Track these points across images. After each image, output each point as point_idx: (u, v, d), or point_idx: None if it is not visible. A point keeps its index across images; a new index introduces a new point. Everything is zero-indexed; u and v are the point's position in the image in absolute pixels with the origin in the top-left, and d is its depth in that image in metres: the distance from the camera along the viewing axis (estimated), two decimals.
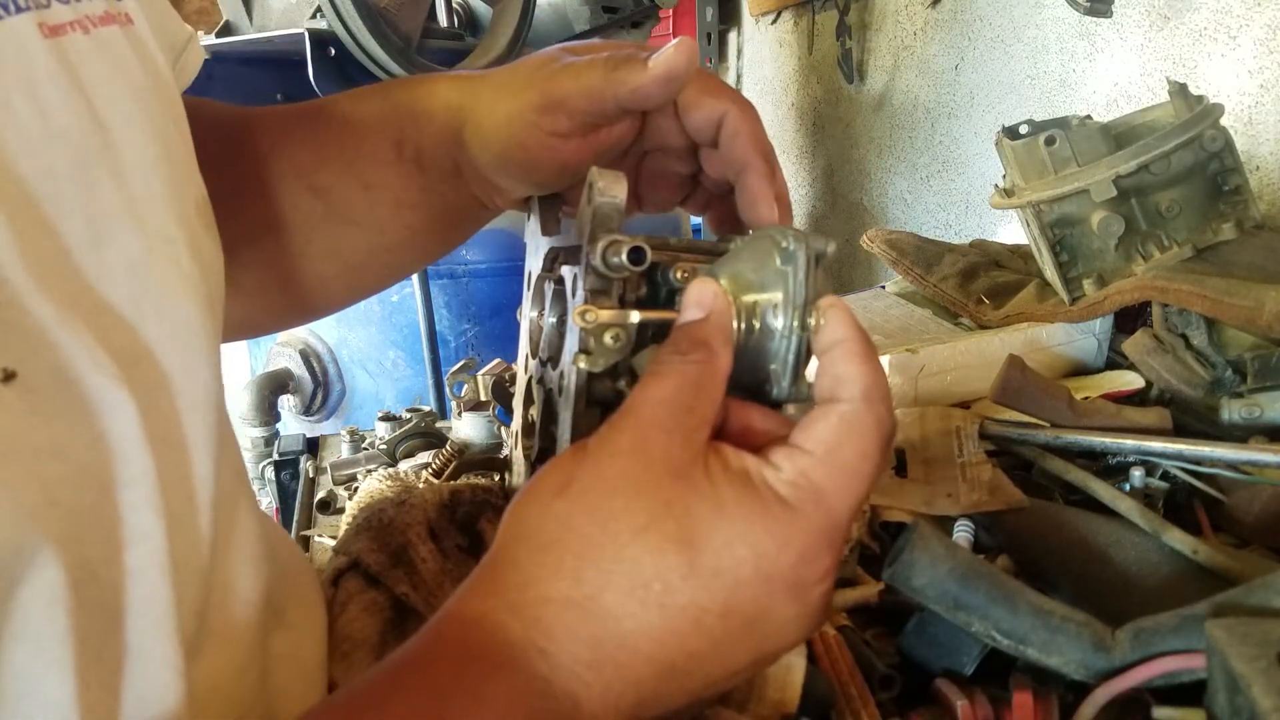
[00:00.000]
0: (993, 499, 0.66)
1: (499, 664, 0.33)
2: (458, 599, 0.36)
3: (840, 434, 0.37)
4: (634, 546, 0.34)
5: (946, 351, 0.88)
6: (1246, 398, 0.74)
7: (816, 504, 0.36)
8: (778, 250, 0.41)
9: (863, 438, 0.37)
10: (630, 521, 0.35)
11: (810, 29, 2.27)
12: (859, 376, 0.38)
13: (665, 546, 0.34)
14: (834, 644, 0.53)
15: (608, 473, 0.36)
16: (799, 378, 0.42)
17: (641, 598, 0.34)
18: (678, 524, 0.35)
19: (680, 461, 0.36)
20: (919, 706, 0.50)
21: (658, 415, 0.36)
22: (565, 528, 0.35)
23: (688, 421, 0.37)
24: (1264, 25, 1.08)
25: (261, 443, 1.69)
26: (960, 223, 1.78)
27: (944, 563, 0.48)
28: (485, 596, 0.35)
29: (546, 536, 0.35)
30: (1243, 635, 0.39)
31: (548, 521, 0.36)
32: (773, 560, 0.35)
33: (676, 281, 0.44)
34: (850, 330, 0.39)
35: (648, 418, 0.37)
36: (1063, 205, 0.86)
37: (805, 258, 0.41)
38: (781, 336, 0.41)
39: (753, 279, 0.42)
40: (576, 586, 0.34)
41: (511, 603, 0.34)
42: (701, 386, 0.38)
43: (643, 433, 0.36)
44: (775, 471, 0.36)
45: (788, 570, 0.35)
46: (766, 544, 0.35)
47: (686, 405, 0.37)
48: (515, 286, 0.58)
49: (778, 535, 0.35)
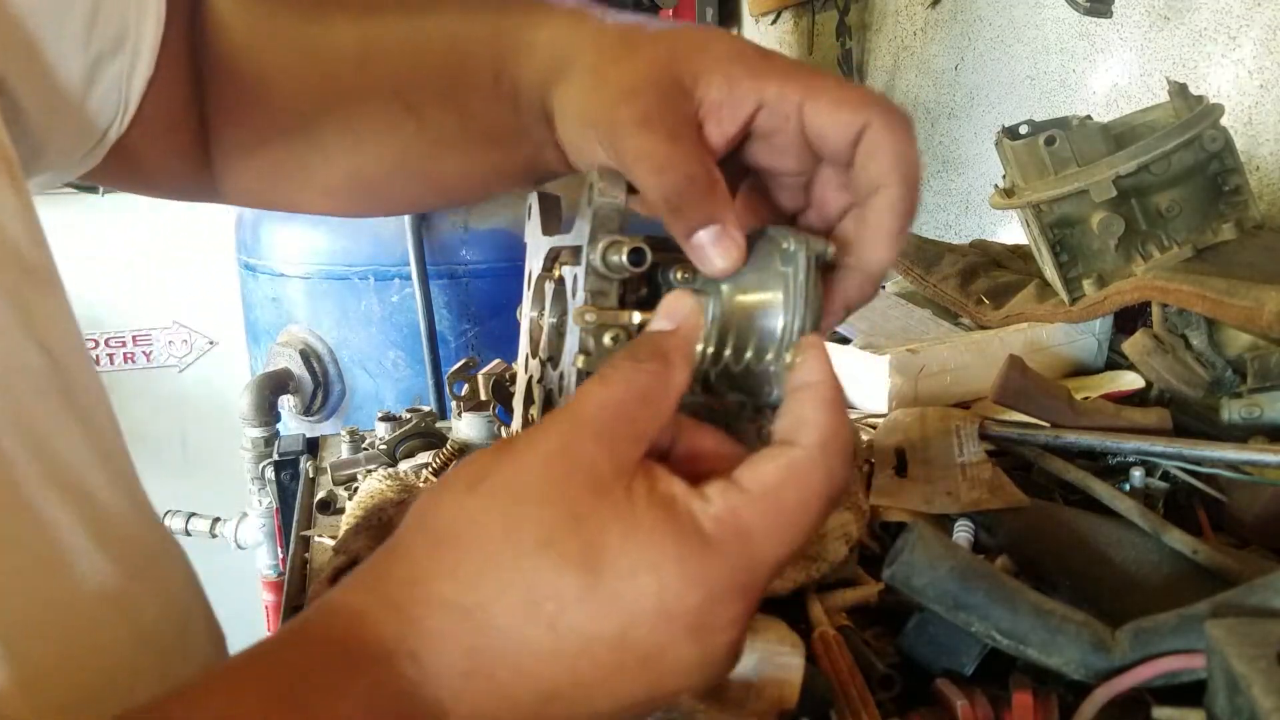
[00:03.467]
0: (993, 498, 0.66)
1: (362, 661, 0.31)
2: (341, 587, 0.34)
3: (785, 478, 0.35)
4: (534, 558, 0.32)
5: (946, 351, 0.88)
6: (1246, 398, 0.74)
7: (738, 544, 0.33)
8: (778, 252, 0.41)
9: (807, 488, 0.35)
10: (536, 531, 0.32)
11: (810, 29, 2.27)
12: (821, 424, 0.36)
13: (566, 564, 0.32)
14: (834, 644, 0.53)
15: (525, 474, 0.33)
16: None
17: (532, 614, 0.32)
18: (585, 543, 0.32)
19: (604, 474, 0.33)
20: (919, 706, 0.50)
21: (593, 419, 0.34)
22: (469, 525, 0.33)
23: (624, 432, 0.34)
24: (1264, 25, 1.08)
25: (261, 443, 1.69)
26: (960, 223, 1.78)
27: (944, 563, 0.48)
28: (368, 588, 0.33)
29: (448, 531, 0.33)
30: (1243, 635, 0.39)
31: (453, 515, 0.34)
32: (677, 596, 0.32)
33: (677, 282, 0.44)
34: (824, 375, 0.37)
35: (582, 420, 0.34)
36: (1063, 205, 0.86)
37: (806, 259, 0.41)
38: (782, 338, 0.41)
39: (753, 279, 0.42)
40: (466, 591, 0.32)
41: (393, 598, 0.33)
42: (648, 399, 0.35)
43: (573, 436, 0.34)
44: (703, 503, 0.34)
45: (692, 609, 0.32)
46: (673, 578, 0.32)
47: (628, 415, 0.35)
48: (515, 286, 0.58)
49: (688, 571, 0.32)
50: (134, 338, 2.70)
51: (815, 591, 0.60)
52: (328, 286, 1.59)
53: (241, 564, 2.06)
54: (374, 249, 1.55)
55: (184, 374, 2.76)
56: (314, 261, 1.58)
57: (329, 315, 1.61)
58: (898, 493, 0.69)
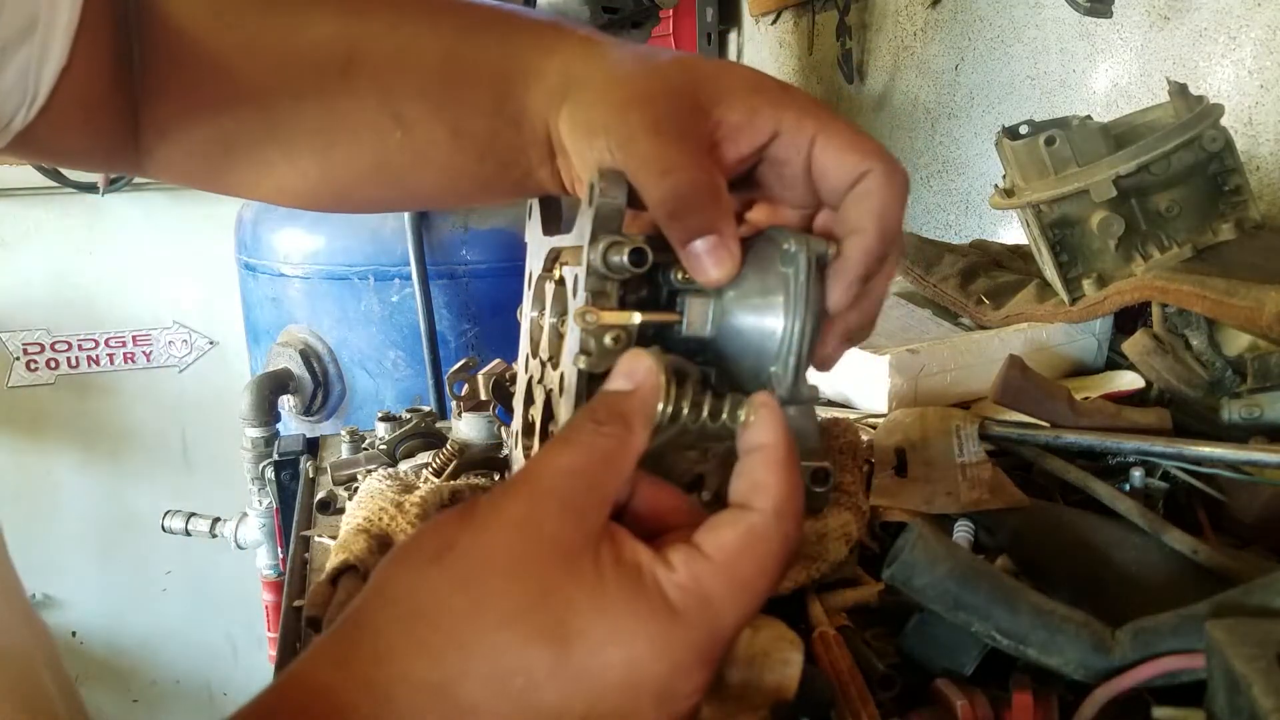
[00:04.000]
0: (993, 498, 0.66)
1: None
2: (309, 658, 0.33)
3: (744, 545, 0.35)
4: (502, 633, 0.32)
5: (946, 351, 0.88)
6: (1246, 398, 0.74)
7: (702, 613, 0.34)
8: (779, 253, 0.41)
9: (765, 555, 0.35)
10: (503, 605, 0.32)
11: (810, 29, 2.27)
12: (776, 487, 0.36)
13: (535, 639, 0.32)
14: (834, 644, 0.53)
15: (491, 544, 0.33)
16: (800, 380, 0.42)
17: (501, 690, 0.32)
18: (553, 617, 0.32)
19: (570, 544, 0.33)
20: (919, 706, 0.50)
21: (557, 487, 0.34)
22: (435, 599, 0.33)
23: (588, 499, 0.34)
24: (1264, 25, 1.08)
25: (261, 443, 1.69)
26: (960, 223, 1.78)
27: (944, 563, 0.48)
28: (338, 665, 0.33)
29: (414, 605, 0.33)
30: (1243, 635, 0.39)
31: (418, 589, 0.33)
32: (644, 667, 0.33)
33: (678, 282, 0.44)
34: (777, 436, 0.37)
35: (546, 488, 0.34)
36: (1063, 205, 0.86)
37: (807, 260, 0.41)
38: (782, 340, 0.41)
39: (753, 282, 0.42)
40: (436, 668, 0.32)
41: (364, 678, 0.32)
42: (610, 463, 0.36)
43: (537, 504, 0.34)
44: (668, 572, 0.34)
45: (658, 679, 0.33)
46: (642, 650, 0.33)
47: (590, 481, 0.35)
48: (515, 286, 0.58)
49: (656, 642, 0.33)
50: (134, 338, 2.70)
51: (815, 592, 0.60)
52: (328, 286, 1.59)
53: (241, 564, 2.06)
54: (374, 249, 1.55)
55: (184, 374, 2.76)
56: (314, 261, 1.58)
57: (329, 315, 1.61)
58: (898, 493, 0.69)
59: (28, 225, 2.54)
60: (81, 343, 2.65)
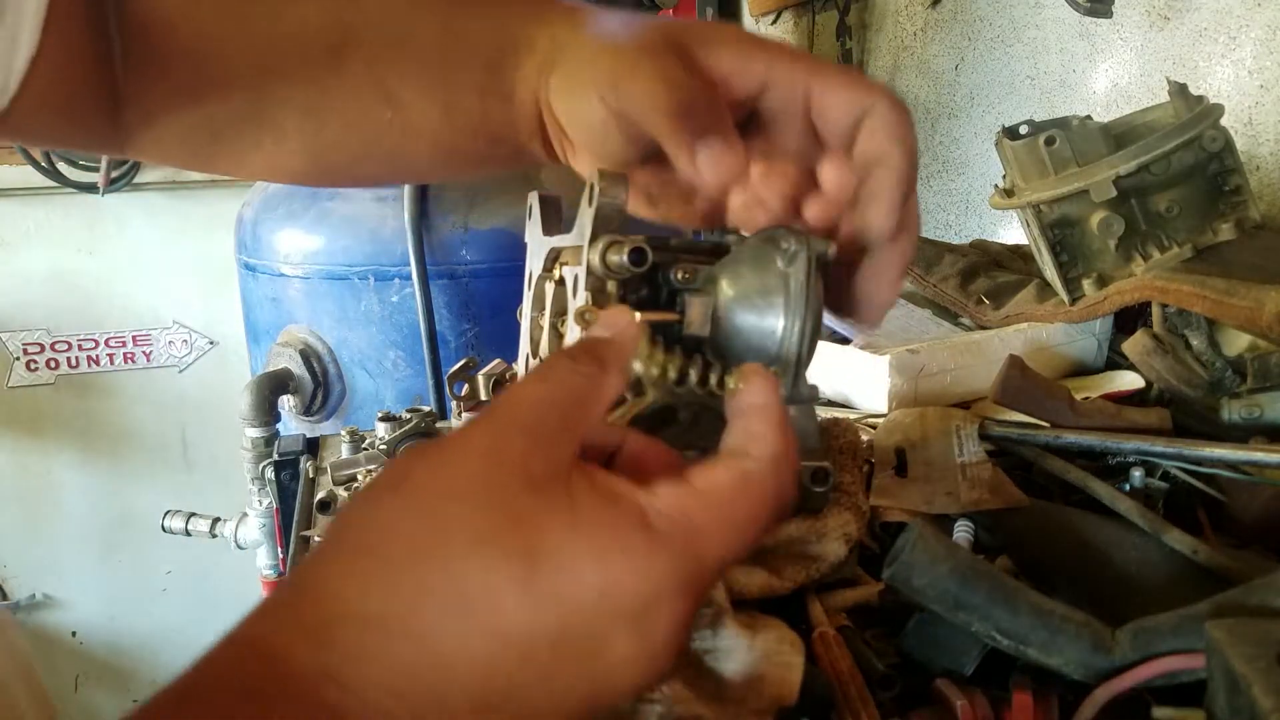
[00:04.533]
0: (993, 498, 0.66)
1: (277, 696, 0.29)
2: (248, 616, 0.31)
3: (739, 487, 0.34)
4: (466, 560, 0.30)
5: (946, 351, 0.88)
6: (1246, 398, 0.74)
7: (687, 543, 0.32)
8: (779, 252, 0.41)
9: (760, 500, 0.34)
10: (466, 531, 0.30)
11: (810, 29, 2.27)
12: (773, 441, 0.35)
13: (501, 561, 0.30)
14: (834, 644, 0.53)
15: (454, 472, 0.31)
16: (800, 378, 0.42)
17: (464, 616, 0.29)
18: (522, 540, 0.30)
19: (540, 472, 0.31)
20: (919, 706, 0.50)
21: (525, 416, 0.33)
22: (390, 529, 0.31)
23: (558, 432, 0.33)
24: (1264, 25, 1.08)
25: (261, 443, 1.69)
26: (960, 223, 1.78)
27: (944, 563, 0.48)
28: (276, 614, 0.31)
29: (367, 538, 0.31)
30: (1243, 635, 0.39)
31: (373, 520, 0.31)
32: (621, 587, 0.30)
33: (677, 282, 0.44)
34: (773, 398, 0.37)
35: (513, 417, 0.33)
36: (1063, 205, 0.86)
37: (807, 259, 0.41)
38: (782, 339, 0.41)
39: (753, 281, 0.42)
40: (388, 600, 0.30)
41: (304, 622, 0.30)
42: (582, 401, 0.34)
43: (503, 432, 0.32)
44: (651, 497, 0.32)
45: (635, 600, 0.31)
46: (618, 567, 0.30)
47: (560, 414, 0.33)
48: (515, 286, 0.58)
49: (634, 560, 0.31)
50: (134, 338, 2.70)
51: (815, 592, 0.60)
52: (328, 286, 1.59)
53: (242, 564, 2.06)
54: (374, 249, 1.55)
55: (184, 374, 2.76)
56: (314, 261, 1.58)
57: (329, 315, 1.61)
58: (898, 493, 0.69)
59: (28, 225, 2.54)
60: (81, 343, 2.65)
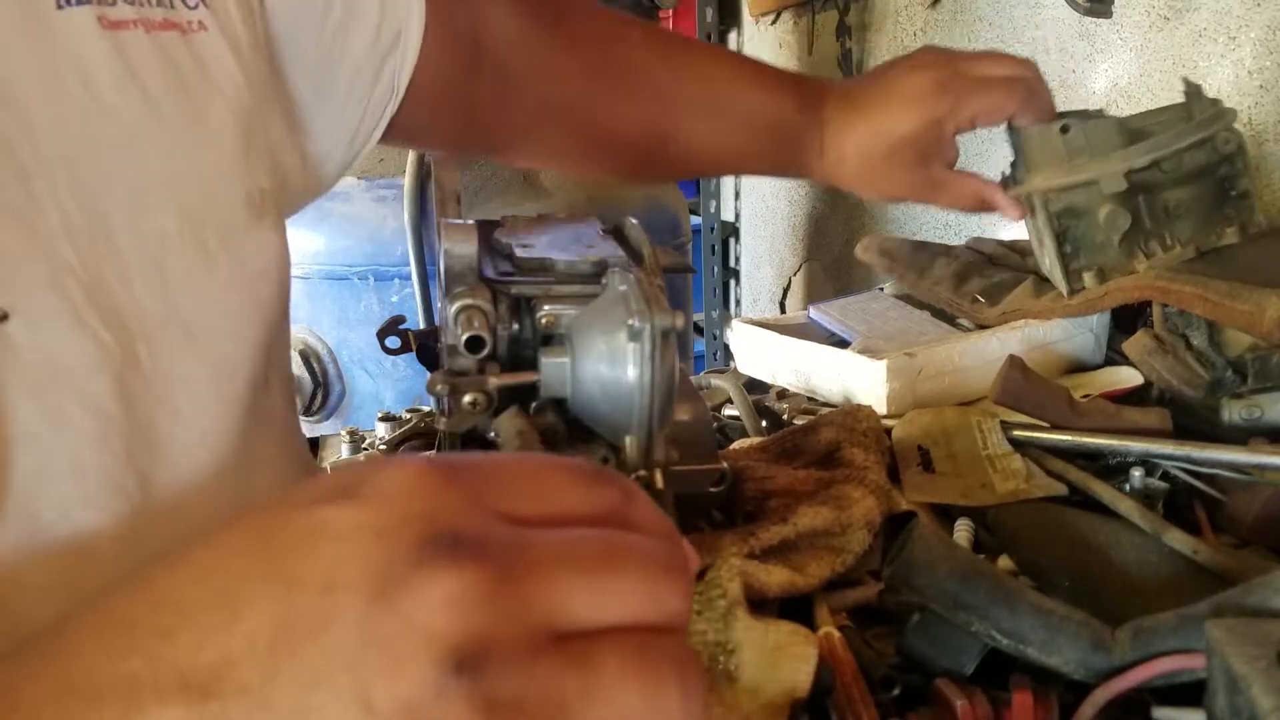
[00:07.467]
0: (1030, 487, 0.66)
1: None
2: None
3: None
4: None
5: (944, 353, 0.88)
6: (1247, 399, 0.74)
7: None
8: (625, 328, 0.41)
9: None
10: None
11: (810, 29, 2.27)
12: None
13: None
14: (838, 646, 0.53)
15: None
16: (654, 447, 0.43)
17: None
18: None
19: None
20: (919, 706, 0.50)
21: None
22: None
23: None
24: (1264, 25, 1.08)
25: None
26: (960, 222, 1.78)
27: (944, 563, 0.48)
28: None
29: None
30: (1243, 635, 0.39)
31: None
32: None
33: (541, 327, 0.45)
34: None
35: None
36: (1071, 195, 0.85)
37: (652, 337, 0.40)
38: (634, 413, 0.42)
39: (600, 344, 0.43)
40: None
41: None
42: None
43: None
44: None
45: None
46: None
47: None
48: None
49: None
50: None
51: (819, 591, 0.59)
52: (327, 286, 1.59)
53: None
54: (374, 249, 1.55)
55: None
56: (314, 261, 1.58)
57: (329, 315, 1.61)
58: (929, 487, 0.69)
59: None
60: None
